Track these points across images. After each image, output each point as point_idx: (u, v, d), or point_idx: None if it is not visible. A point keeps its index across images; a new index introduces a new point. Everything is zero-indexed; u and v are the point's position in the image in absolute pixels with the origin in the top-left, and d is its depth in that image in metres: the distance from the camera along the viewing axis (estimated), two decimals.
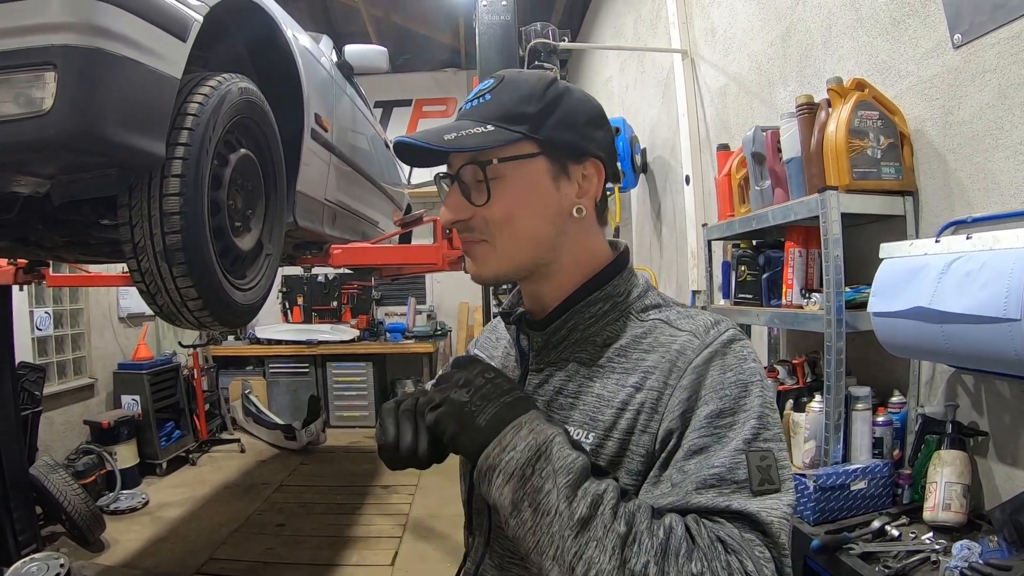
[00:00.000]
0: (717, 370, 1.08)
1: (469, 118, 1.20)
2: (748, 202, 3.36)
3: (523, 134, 1.18)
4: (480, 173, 1.18)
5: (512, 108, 1.19)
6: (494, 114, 1.18)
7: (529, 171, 1.21)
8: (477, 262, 1.25)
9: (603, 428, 1.13)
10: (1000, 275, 1.89)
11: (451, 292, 11.53)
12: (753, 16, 4.04)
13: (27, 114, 1.91)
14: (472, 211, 1.20)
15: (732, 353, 1.11)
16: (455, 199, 1.22)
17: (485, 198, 1.19)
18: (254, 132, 2.90)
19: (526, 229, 1.21)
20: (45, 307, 7.29)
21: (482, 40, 5.25)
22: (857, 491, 2.40)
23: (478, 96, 1.23)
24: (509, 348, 1.43)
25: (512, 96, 1.21)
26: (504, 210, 1.19)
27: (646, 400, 1.10)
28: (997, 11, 2.22)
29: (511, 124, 1.18)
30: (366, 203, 5.40)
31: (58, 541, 5.85)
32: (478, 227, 1.21)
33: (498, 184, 1.18)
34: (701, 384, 1.07)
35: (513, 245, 1.21)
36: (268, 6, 3.06)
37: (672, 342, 1.14)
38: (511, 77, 1.24)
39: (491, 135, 1.16)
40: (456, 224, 1.23)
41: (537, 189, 1.21)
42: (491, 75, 1.27)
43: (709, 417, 1.05)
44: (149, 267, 2.37)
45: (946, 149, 2.50)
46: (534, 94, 1.22)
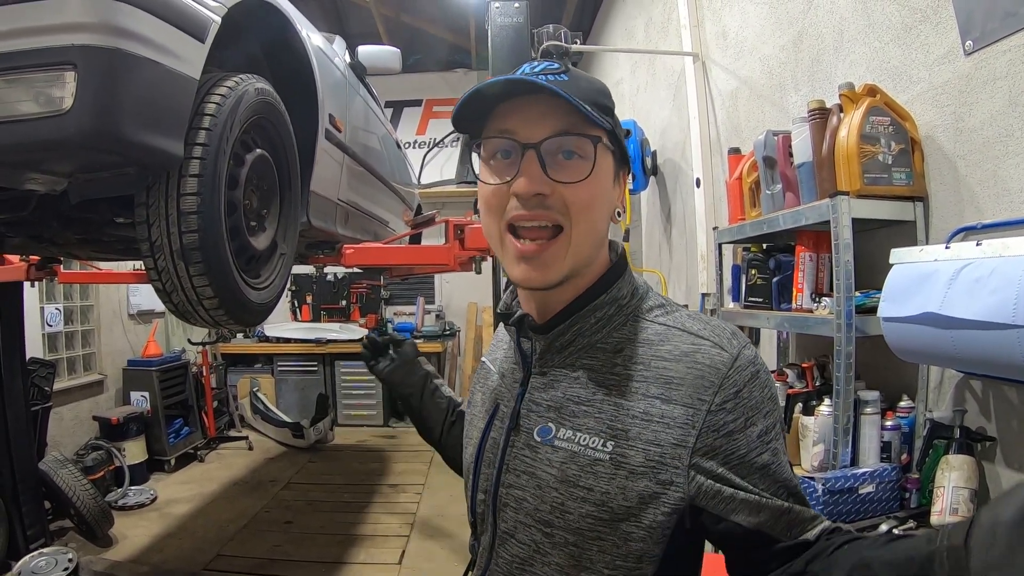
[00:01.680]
0: (758, 390, 1.13)
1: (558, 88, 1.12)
2: (759, 206, 3.37)
3: (612, 126, 1.18)
4: (589, 149, 1.15)
5: (596, 98, 1.17)
6: (583, 96, 1.13)
7: (608, 163, 1.21)
8: (545, 267, 1.17)
9: (624, 437, 1.13)
10: (1009, 282, 1.89)
11: (460, 292, 11.53)
12: (764, 20, 4.05)
13: (47, 113, 1.92)
14: (552, 187, 1.14)
15: (761, 368, 1.15)
16: (536, 170, 1.14)
17: (577, 176, 1.14)
18: (270, 132, 2.92)
19: (598, 220, 1.20)
20: (56, 303, 7.31)
21: (494, 42, 5.26)
22: (865, 495, 2.40)
23: (551, 72, 1.16)
24: (508, 351, 1.41)
25: (590, 86, 1.20)
26: (589, 195, 1.16)
27: (678, 414, 1.11)
28: (1008, 18, 2.22)
29: (600, 113, 1.15)
30: (378, 203, 5.41)
31: (67, 536, 5.86)
32: (555, 207, 1.15)
33: (591, 165, 1.15)
34: (747, 406, 1.11)
35: (586, 235, 1.18)
36: (284, 7, 3.08)
37: (696, 351, 1.14)
38: (571, 67, 1.21)
39: (599, 116, 1.14)
40: (532, 199, 1.15)
41: (608, 183, 1.22)
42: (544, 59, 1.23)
43: (760, 435, 1.11)
44: (166, 266, 2.38)
45: (957, 155, 2.51)
46: (606, 91, 1.23)
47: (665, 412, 1.11)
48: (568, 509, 1.15)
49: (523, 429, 1.25)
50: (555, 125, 1.14)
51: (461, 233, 4.67)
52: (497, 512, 1.28)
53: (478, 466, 1.34)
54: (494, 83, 1.13)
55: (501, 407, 1.34)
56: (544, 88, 1.10)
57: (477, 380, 1.52)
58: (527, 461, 1.23)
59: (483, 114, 1.21)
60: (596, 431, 1.15)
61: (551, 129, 1.14)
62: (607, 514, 1.12)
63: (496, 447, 1.30)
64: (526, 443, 1.24)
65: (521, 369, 1.32)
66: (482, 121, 1.21)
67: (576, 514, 1.14)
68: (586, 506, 1.13)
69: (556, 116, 1.13)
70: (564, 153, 1.15)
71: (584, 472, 1.14)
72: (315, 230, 3.84)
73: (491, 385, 1.42)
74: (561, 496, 1.16)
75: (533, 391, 1.27)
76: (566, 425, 1.19)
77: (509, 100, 1.17)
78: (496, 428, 1.33)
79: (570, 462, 1.16)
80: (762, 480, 1.09)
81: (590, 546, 1.14)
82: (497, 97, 1.17)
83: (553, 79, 1.14)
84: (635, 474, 1.11)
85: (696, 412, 1.10)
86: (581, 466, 1.15)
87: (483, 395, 1.44)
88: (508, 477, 1.26)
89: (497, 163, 1.20)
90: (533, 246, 1.17)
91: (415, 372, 1.95)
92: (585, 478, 1.14)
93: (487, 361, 1.51)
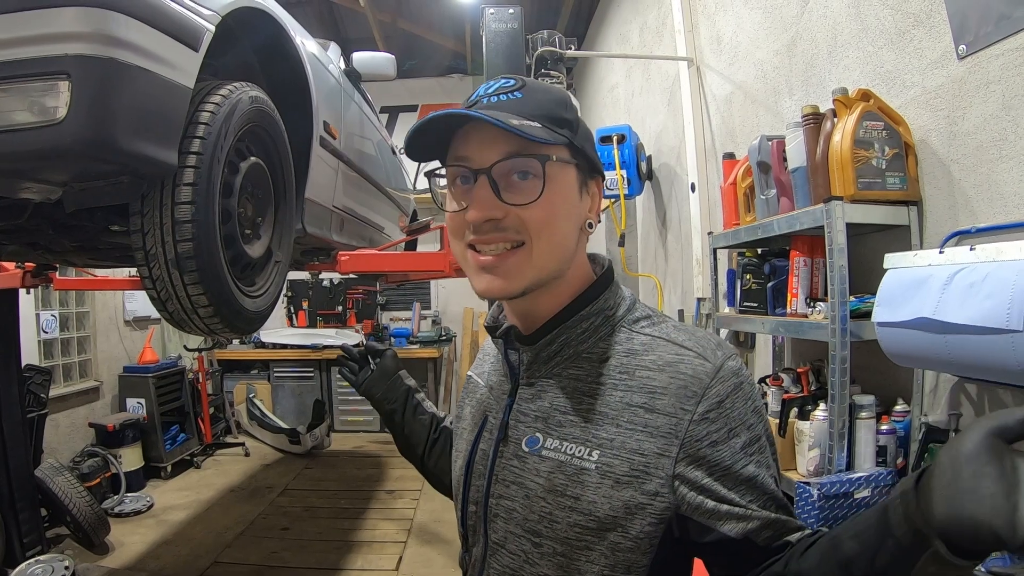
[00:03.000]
0: (741, 402, 1.12)
1: (506, 111, 1.13)
2: (753, 211, 3.38)
3: (567, 139, 1.18)
4: (538, 168, 1.14)
5: (552, 111, 1.18)
6: (536, 113, 1.15)
7: (568, 177, 1.21)
8: (507, 276, 1.17)
9: (609, 447, 1.13)
10: (1003, 286, 1.90)
11: (456, 297, 11.53)
12: (759, 25, 4.06)
13: (41, 123, 1.92)
14: (505, 210, 1.14)
15: (745, 380, 1.15)
16: (486, 195, 1.14)
17: (530, 196, 1.14)
18: (264, 140, 2.92)
19: (560, 235, 1.19)
20: (51, 310, 7.29)
21: (489, 48, 5.26)
22: (861, 499, 2.40)
23: (504, 92, 1.18)
24: (496, 363, 1.41)
25: (546, 99, 1.20)
26: (547, 212, 1.16)
27: (661, 424, 1.11)
28: (1002, 22, 2.23)
29: (555, 127, 1.16)
30: (373, 209, 5.42)
31: (63, 543, 5.86)
32: (512, 227, 1.15)
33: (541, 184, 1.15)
34: (730, 417, 1.11)
35: (549, 250, 1.18)
36: (278, 15, 3.08)
37: (679, 361, 1.15)
38: (530, 80, 1.22)
39: (549, 132, 1.15)
40: (485, 224, 1.15)
41: (571, 196, 1.22)
42: (503, 75, 1.24)
43: (744, 447, 1.11)
44: (160, 274, 2.38)
45: (950, 159, 2.52)
46: (566, 102, 1.23)
47: (648, 421, 1.12)
48: (556, 519, 1.16)
49: (512, 439, 1.26)
50: (505, 148, 1.14)
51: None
52: (488, 523, 1.28)
53: (468, 478, 1.35)
54: (439, 116, 1.14)
55: (490, 418, 1.34)
56: (481, 119, 1.10)
57: (465, 394, 1.52)
58: (516, 471, 1.23)
59: (444, 144, 1.22)
60: (582, 440, 1.16)
61: (501, 153, 1.14)
62: (594, 523, 1.13)
63: (485, 458, 1.31)
64: (515, 453, 1.25)
65: (509, 380, 1.32)
66: (444, 148, 1.23)
67: (564, 524, 1.15)
68: (573, 515, 1.14)
69: (506, 140, 1.13)
70: (519, 174, 1.15)
71: (571, 482, 1.15)
72: (310, 237, 3.84)
73: (479, 398, 1.42)
74: (549, 506, 1.17)
75: (521, 402, 1.28)
76: (553, 435, 1.20)
77: (464, 126, 1.18)
78: (485, 439, 1.33)
79: (557, 472, 1.17)
80: (748, 492, 1.09)
81: (578, 556, 1.15)
82: (452, 125, 1.19)
83: (505, 98, 1.17)
84: (620, 484, 1.11)
85: (679, 422, 1.10)
86: (568, 476, 1.16)
87: (471, 408, 1.44)
88: (498, 488, 1.26)
89: (457, 189, 1.21)
90: (491, 257, 1.17)
91: (397, 386, 1.92)
92: (572, 488, 1.15)
93: (474, 375, 1.52)
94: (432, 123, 1.15)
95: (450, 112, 1.14)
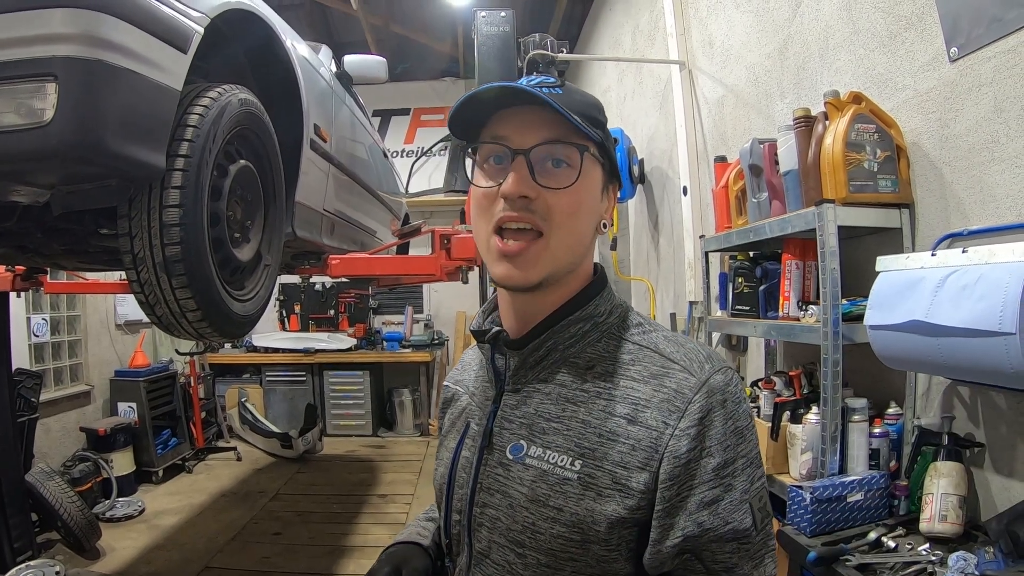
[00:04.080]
0: (720, 420, 1.10)
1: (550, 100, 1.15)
2: (745, 214, 3.38)
3: (600, 139, 1.21)
4: (575, 157, 1.17)
5: (587, 111, 1.20)
6: (575, 109, 1.17)
7: (596, 174, 1.23)
8: (526, 266, 1.18)
9: (591, 457, 1.13)
10: (995, 289, 1.90)
11: (448, 301, 11.51)
12: (750, 28, 4.06)
13: (28, 125, 1.92)
14: (538, 191, 1.16)
15: (730, 399, 1.13)
16: (524, 173, 1.16)
17: (563, 182, 1.17)
18: (253, 143, 2.91)
19: (581, 229, 1.22)
20: (42, 313, 7.26)
21: (481, 51, 5.26)
22: (854, 502, 2.40)
23: (547, 86, 1.20)
24: (479, 370, 1.40)
25: (583, 100, 1.22)
26: (573, 203, 1.18)
27: (643, 436, 1.10)
28: (993, 24, 2.23)
29: (591, 125, 1.19)
30: (365, 213, 5.41)
31: (54, 548, 5.82)
32: (539, 211, 1.17)
33: (576, 174, 1.18)
34: (706, 435, 1.09)
35: (567, 243, 1.19)
36: (268, 17, 3.07)
37: (665, 375, 1.14)
38: (568, 83, 1.25)
39: (588, 128, 1.17)
40: (518, 200, 1.17)
41: (596, 193, 1.24)
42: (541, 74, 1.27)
43: (716, 469, 1.08)
44: (148, 278, 2.38)
45: (942, 162, 2.52)
46: (599, 106, 1.26)
47: (631, 433, 1.11)
48: (539, 529, 1.14)
49: (496, 447, 1.25)
50: (545, 134, 1.16)
51: (447, 243, 4.66)
52: (472, 532, 1.26)
53: (451, 486, 1.33)
54: (491, 88, 1.16)
55: (472, 425, 1.33)
56: (537, 98, 1.13)
57: (445, 405, 1.50)
58: (500, 479, 1.22)
59: (478, 121, 1.23)
60: (565, 449, 1.15)
61: (541, 137, 1.16)
62: (578, 535, 1.12)
63: (469, 466, 1.29)
64: (499, 461, 1.23)
65: (494, 387, 1.31)
66: (477, 127, 1.24)
67: (547, 535, 1.14)
68: (556, 527, 1.13)
69: (547, 126, 1.16)
70: (553, 161, 1.17)
71: (554, 492, 1.14)
72: (300, 241, 3.84)
73: (461, 406, 1.41)
74: (532, 516, 1.15)
75: (506, 408, 1.26)
76: (536, 442, 1.19)
77: (504, 109, 1.20)
78: (468, 447, 1.31)
79: (540, 481, 1.16)
80: (710, 517, 1.08)
81: (563, 567, 1.14)
82: (493, 104, 1.19)
83: (548, 92, 1.17)
84: (602, 496, 1.11)
85: (660, 436, 1.09)
86: (551, 485, 1.14)
87: (454, 417, 1.43)
88: (482, 496, 1.25)
89: (490, 167, 1.22)
90: (515, 245, 1.18)
91: None
92: (555, 498, 1.14)
93: (452, 384, 1.50)
94: (482, 95, 1.17)
95: (507, 84, 1.16)
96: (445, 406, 1.51)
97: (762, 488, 1.14)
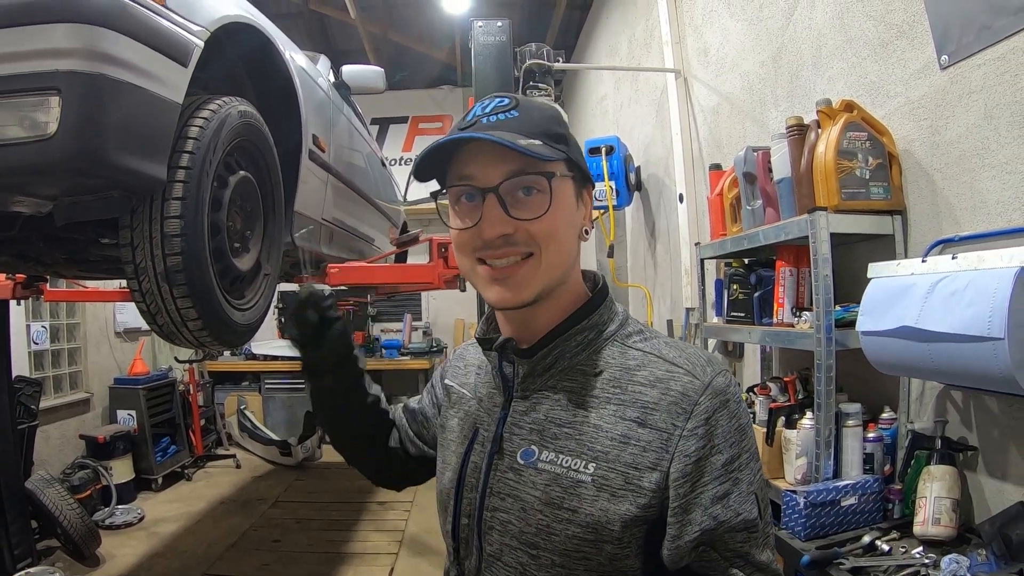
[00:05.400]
0: (725, 419, 1.14)
1: (506, 130, 1.18)
2: (740, 221, 3.40)
3: (565, 154, 1.22)
4: (544, 185, 1.19)
5: (547, 127, 1.22)
6: (533, 130, 1.19)
7: (568, 189, 1.25)
8: (518, 287, 1.21)
9: (604, 459, 1.15)
10: (984, 295, 1.92)
11: (447, 309, 11.52)
12: (745, 36, 4.09)
13: (32, 137, 1.95)
14: (516, 225, 1.19)
15: (732, 399, 1.17)
16: (496, 212, 1.18)
17: (537, 211, 1.18)
18: (253, 154, 2.93)
19: (565, 245, 1.24)
20: (42, 321, 7.29)
21: (477, 61, 5.27)
22: (848, 506, 2.41)
23: (501, 111, 1.22)
24: (484, 375, 1.43)
25: (541, 116, 1.24)
26: (553, 224, 1.20)
27: (653, 438, 1.13)
28: (983, 32, 2.25)
29: (553, 143, 1.20)
30: (363, 221, 5.42)
31: (53, 555, 5.83)
32: (522, 241, 1.20)
33: (548, 199, 1.20)
34: (713, 434, 1.13)
35: (557, 259, 1.22)
36: (266, 29, 3.09)
37: (670, 378, 1.17)
38: (522, 98, 1.26)
39: (550, 149, 1.19)
40: (498, 240, 1.19)
41: (571, 207, 1.27)
42: (495, 94, 1.28)
43: (724, 465, 1.13)
44: (150, 288, 2.40)
45: (934, 168, 2.54)
46: (558, 118, 1.28)
47: (641, 436, 1.14)
48: (554, 531, 1.17)
49: (506, 452, 1.27)
50: (510, 167, 1.18)
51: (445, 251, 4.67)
52: (483, 536, 1.28)
53: (460, 491, 1.35)
54: (444, 142, 1.18)
55: (481, 431, 1.35)
56: (493, 141, 1.14)
57: (449, 404, 1.52)
58: (511, 484, 1.24)
59: (443, 163, 1.25)
60: (577, 453, 1.18)
61: (506, 171, 1.18)
62: (592, 535, 1.14)
63: (478, 471, 1.31)
64: (510, 466, 1.25)
65: (502, 393, 1.33)
66: (443, 169, 1.27)
67: (562, 536, 1.16)
68: (571, 527, 1.15)
69: (511, 158, 1.17)
70: (524, 190, 1.20)
71: (568, 494, 1.16)
72: (299, 250, 3.84)
73: (468, 410, 1.42)
74: (546, 518, 1.18)
75: (515, 414, 1.29)
76: (548, 447, 1.21)
77: (466, 146, 1.21)
78: (477, 452, 1.33)
79: (553, 484, 1.18)
80: (723, 510, 1.11)
81: (577, 566, 1.16)
82: (452, 144, 1.21)
83: (504, 117, 1.20)
84: (616, 496, 1.13)
85: (670, 437, 1.13)
86: (564, 488, 1.17)
87: (459, 420, 1.44)
88: (492, 500, 1.27)
89: (462, 207, 1.24)
90: (503, 269, 1.21)
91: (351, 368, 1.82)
92: (569, 500, 1.16)
93: (456, 386, 1.52)
94: (442, 148, 1.20)
95: (462, 136, 1.18)
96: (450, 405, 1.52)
97: (762, 479, 1.20)
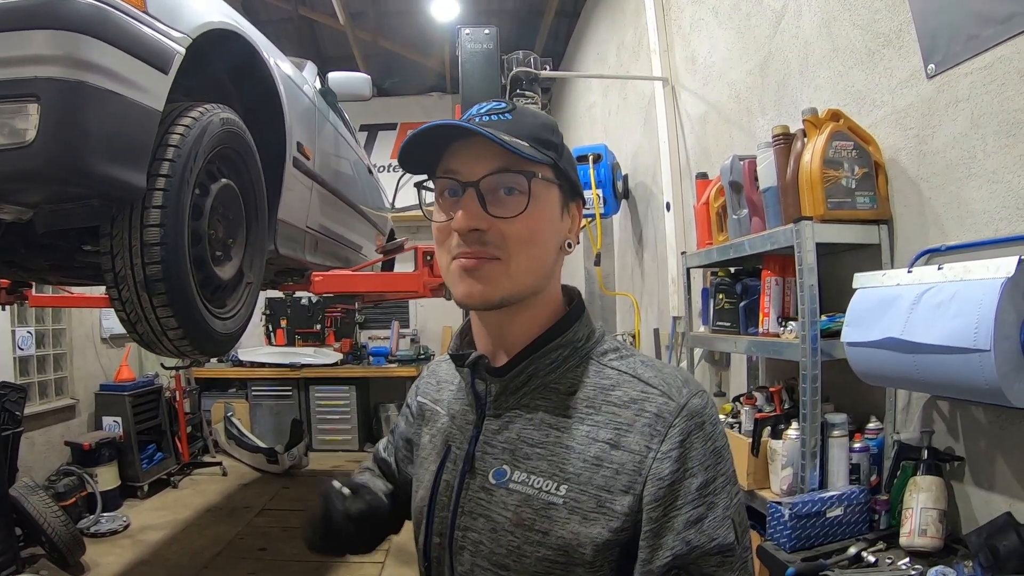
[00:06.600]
0: (700, 442, 1.12)
1: (497, 129, 1.16)
2: (726, 230, 3.39)
3: (553, 160, 1.21)
4: (524, 184, 1.17)
5: (539, 133, 1.21)
6: (524, 133, 1.18)
7: (551, 196, 1.24)
8: (486, 281, 1.19)
9: (576, 481, 1.13)
10: (970, 306, 1.92)
11: (434, 316, 11.49)
12: (732, 45, 4.09)
13: (10, 145, 1.94)
14: (490, 222, 1.17)
15: (707, 421, 1.15)
16: (474, 206, 1.17)
17: (514, 210, 1.17)
18: (235, 162, 2.92)
19: (540, 252, 1.22)
20: (27, 327, 7.24)
21: (465, 68, 5.28)
22: (833, 518, 2.40)
23: (496, 112, 1.22)
24: (458, 392, 1.40)
25: (534, 122, 1.23)
26: (528, 228, 1.18)
27: (626, 460, 1.12)
28: (970, 41, 2.26)
29: (542, 148, 1.19)
30: (349, 229, 5.41)
31: (38, 563, 5.80)
32: (493, 241, 1.18)
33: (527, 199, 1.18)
34: (687, 457, 1.11)
35: (526, 267, 1.19)
36: (250, 36, 3.08)
37: (645, 399, 1.15)
38: (520, 105, 1.25)
39: (536, 151, 1.18)
40: (470, 234, 1.18)
41: (553, 215, 1.24)
42: (494, 99, 1.27)
43: (699, 488, 1.10)
44: (130, 296, 2.38)
45: (920, 178, 2.54)
46: (551, 127, 1.26)
47: (615, 458, 1.12)
48: (524, 553, 1.15)
49: (478, 471, 1.25)
50: (493, 164, 1.17)
51: (430, 260, 4.67)
52: (454, 555, 1.26)
53: (432, 509, 1.32)
54: (435, 126, 1.17)
55: (453, 449, 1.33)
56: (476, 132, 1.14)
57: (423, 422, 1.49)
58: (483, 504, 1.22)
59: (433, 157, 1.24)
60: (549, 474, 1.16)
61: (489, 168, 1.17)
62: (563, 558, 1.12)
63: (449, 489, 1.29)
64: (481, 485, 1.23)
65: (474, 411, 1.31)
66: (433, 162, 1.25)
67: (532, 558, 1.14)
68: (542, 550, 1.13)
69: (496, 156, 1.16)
70: (505, 190, 1.18)
71: (539, 516, 1.14)
72: (283, 258, 3.83)
73: (440, 427, 1.40)
74: (517, 540, 1.16)
75: (487, 433, 1.27)
76: (520, 467, 1.19)
77: (457, 141, 1.20)
78: (449, 470, 1.31)
79: (524, 505, 1.16)
80: (696, 535, 1.09)
81: None
82: (445, 139, 1.21)
83: (497, 119, 1.20)
84: (588, 520, 1.11)
85: (643, 459, 1.11)
86: (536, 509, 1.15)
87: (431, 438, 1.42)
88: (464, 520, 1.25)
89: (445, 201, 1.23)
90: (472, 260, 1.18)
91: None
92: (540, 522, 1.14)
93: (430, 403, 1.49)
94: (427, 134, 1.18)
95: (444, 123, 1.16)
96: (423, 423, 1.50)
97: (740, 503, 1.16)
